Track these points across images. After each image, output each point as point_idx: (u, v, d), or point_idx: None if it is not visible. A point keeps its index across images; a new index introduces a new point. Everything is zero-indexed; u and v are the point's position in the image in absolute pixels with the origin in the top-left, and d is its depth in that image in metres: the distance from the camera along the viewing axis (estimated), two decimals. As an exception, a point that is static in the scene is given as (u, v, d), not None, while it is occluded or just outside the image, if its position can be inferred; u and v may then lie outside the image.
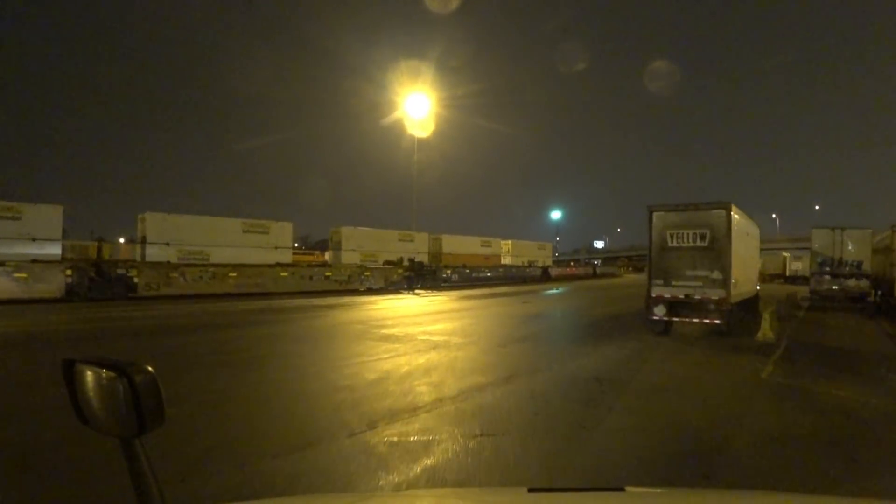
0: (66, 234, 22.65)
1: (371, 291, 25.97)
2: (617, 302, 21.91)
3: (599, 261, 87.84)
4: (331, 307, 17.57)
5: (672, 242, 12.23)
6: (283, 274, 23.65)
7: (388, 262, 30.58)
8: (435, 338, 10.81)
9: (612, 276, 61.39)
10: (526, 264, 43.88)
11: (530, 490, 1.53)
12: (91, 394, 0.96)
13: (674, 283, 12.10)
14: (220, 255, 23.12)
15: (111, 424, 0.94)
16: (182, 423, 4.63)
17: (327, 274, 25.51)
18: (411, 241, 33.92)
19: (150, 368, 0.92)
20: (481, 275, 35.96)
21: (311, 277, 24.80)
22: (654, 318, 12.11)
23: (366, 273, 27.50)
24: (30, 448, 4.20)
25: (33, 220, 18.94)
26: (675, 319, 12.07)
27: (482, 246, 40.42)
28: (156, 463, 0.93)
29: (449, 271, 33.16)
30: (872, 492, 3.76)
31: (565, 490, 2.17)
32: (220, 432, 4.80)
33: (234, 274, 22.02)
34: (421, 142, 42.16)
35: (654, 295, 12.25)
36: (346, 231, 31.08)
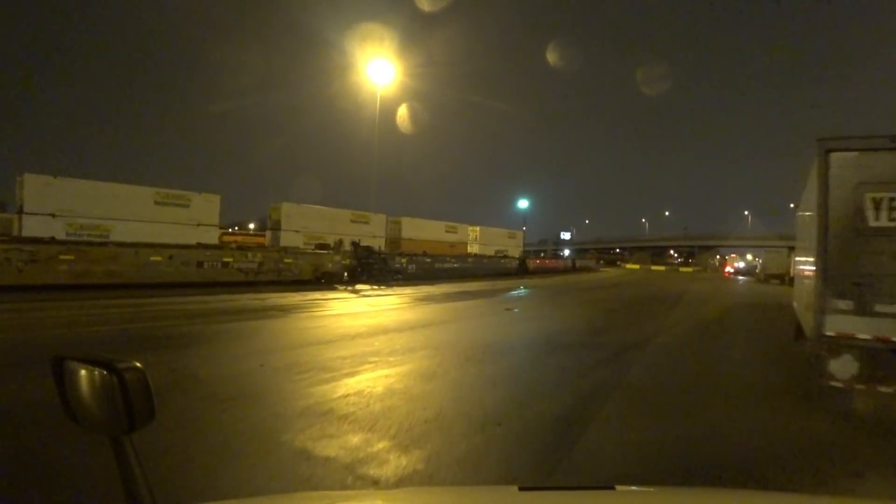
0: None
1: (291, 286, 18.50)
2: (650, 310, 16.08)
3: (568, 251, 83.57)
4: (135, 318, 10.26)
5: (879, 218, 5.51)
6: (154, 258, 15.95)
7: (321, 247, 23.17)
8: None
9: (592, 270, 55.65)
10: (495, 254, 38.06)
11: (521, 489, 1.50)
12: (81, 391, 0.95)
13: (882, 307, 5.30)
14: (124, 232, 18.22)
15: (101, 422, 0.94)
16: None
17: (226, 259, 17.87)
18: (366, 222, 28.67)
19: (139, 365, 0.91)
20: (446, 265, 29.00)
21: (201, 264, 17.14)
22: (836, 382, 5.32)
23: (286, 260, 19.96)
24: None
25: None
26: (884, 390, 5.29)
27: (447, 232, 35.19)
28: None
29: (404, 261, 25.90)
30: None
31: (555, 489, 2.12)
32: None
33: (70, 256, 14.27)
34: (386, 118, 37.14)
35: (828, 332, 5.49)
36: (287, 208, 25.28)
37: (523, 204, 74.56)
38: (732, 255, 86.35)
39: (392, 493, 2.23)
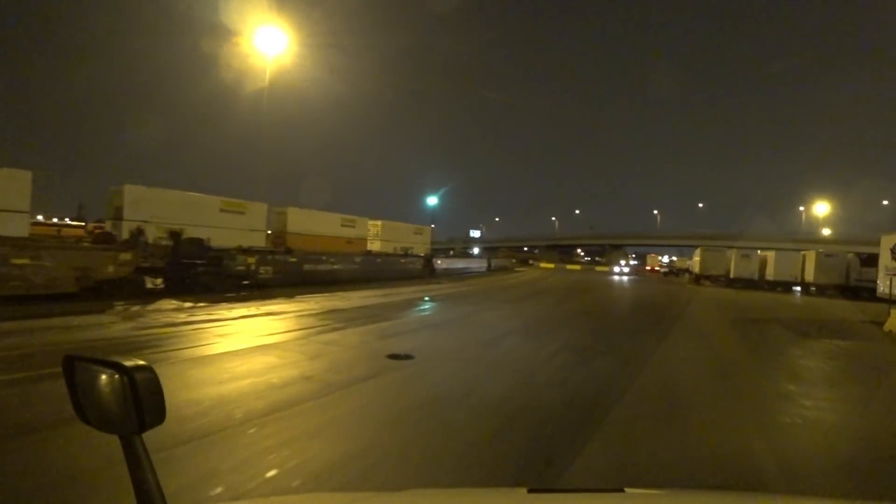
0: None
1: (16, 305, 10.01)
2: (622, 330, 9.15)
3: (478, 250, 78.76)
4: None
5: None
6: None
7: (99, 237, 14.55)
8: None
9: (509, 270, 49.81)
10: (400, 251, 31.96)
11: (530, 491, 1.50)
12: (91, 391, 0.96)
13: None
14: None
15: (112, 422, 0.93)
16: None
17: None
18: (241, 212, 21.98)
19: (150, 366, 0.91)
20: (322, 267, 21.08)
21: None
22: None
23: (15, 261, 11.37)
24: None
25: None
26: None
27: (343, 226, 29.19)
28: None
29: (252, 261, 17.62)
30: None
31: (565, 491, 2.23)
32: None
33: None
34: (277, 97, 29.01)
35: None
36: (131, 192, 18.15)
37: (432, 201, 68.67)
38: (652, 255, 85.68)
39: (399, 494, 1.76)
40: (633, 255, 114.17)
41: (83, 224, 33.30)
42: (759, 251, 36.13)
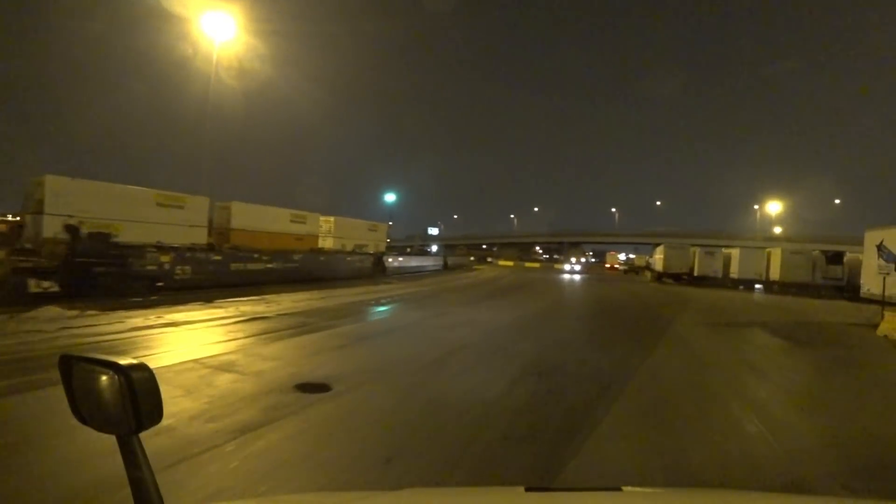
0: None
1: None
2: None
3: (436, 247, 77.46)
4: None
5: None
6: None
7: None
8: None
9: (466, 268, 48.16)
10: (353, 249, 29.67)
11: (528, 489, 1.50)
12: (88, 391, 0.95)
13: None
14: None
15: (109, 422, 0.93)
16: None
17: None
18: (180, 207, 19.00)
19: (147, 366, 0.91)
20: (253, 266, 18.79)
21: None
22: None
23: None
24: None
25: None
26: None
27: (293, 222, 26.38)
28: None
29: (166, 259, 15.24)
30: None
31: (562, 490, 2.16)
32: None
33: None
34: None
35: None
36: (53, 184, 15.15)
37: (390, 198, 66.27)
38: (612, 253, 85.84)
39: (397, 493, 1.79)
40: (591, 253, 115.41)
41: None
42: (722, 249, 35.63)
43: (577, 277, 40.62)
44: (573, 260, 69.81)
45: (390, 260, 30.62)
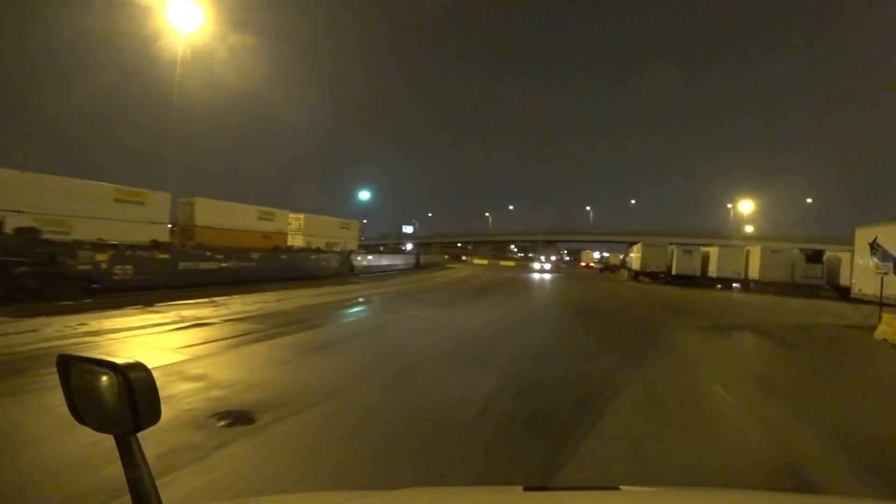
0: None
1: None
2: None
3: (411, 246, 76.46)
4: None
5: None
6: None
7: None
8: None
9: (440, 266, 47.15)
10: (325, 247, 28.64)
11: (526, 489, 1.50)
12: (86, 391, 0.95)
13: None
14: None
15: (107, 421, 0.92)
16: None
17: None
18: (141, 203, 18.08)
19: (145, 365, 0.91)
20: (206, 266, 17.48)
21: None
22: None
23: None
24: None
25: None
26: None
27: (261, 219, 25.57)
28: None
29: (103, 259, 13.82)
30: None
31: (560, 489, 2.14)
32: None
33: None
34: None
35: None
36: None
37: (365, 195, 64.78)
38: (587, 251, 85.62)
39: (395, 493, 1.73)
40: (566, 252, 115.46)
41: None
42: (700, 247, 35.22)
43: (552, 277, 39.46)
44: (542, 258, 66.74)
45: (359, 258, 29.24)
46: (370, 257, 31.55)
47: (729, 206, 64.82)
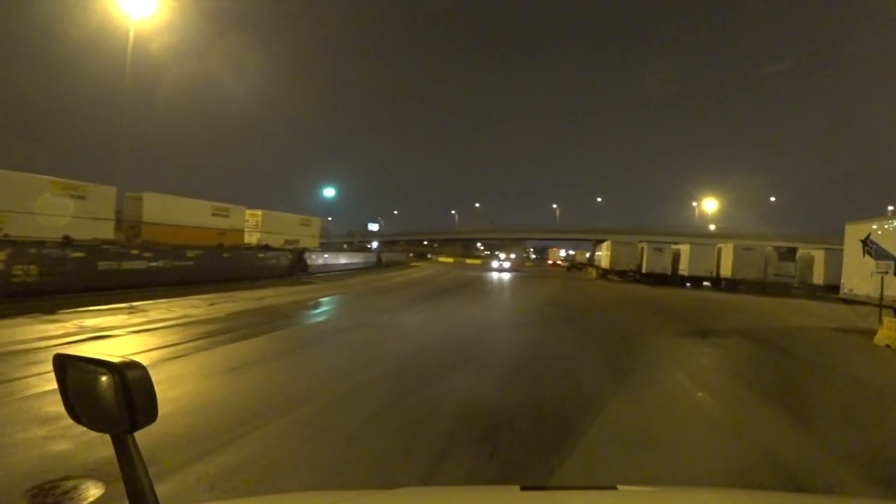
0: None
1: None
2: None
3: (376, 244, 76.69)
4: None
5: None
6: None
7: None
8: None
9: (403, 265, 45.65)
10: (283, 244, 27.37)
11: (523, 488, 1.49)
12: (83, 390, 0.94)
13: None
14: None
15: (103, 421, 0.92)
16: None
17: None
18: (82, 197, 16.30)
19: (142, 364, 0.91)
20: (136, 265, 15.55)
21: None
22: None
23: None
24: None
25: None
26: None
27: (215, 215, 23.84)
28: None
29: (1, 257, 11.83)
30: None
31: (557, 488, 2.12)
32: None
33: None
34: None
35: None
36: None
37: (329, 192, 62.41)
38: (554, 249, 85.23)
39: (392, 493, 1.71)
40: (532, 250, 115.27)
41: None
42: (671, 245, 34.52)
43: (519, 276, 37.75)
44: (501, 255, 62.78)
45: (313, 256, 27.40)
46: (326, 255, 29.63)
47: (694, 203, 65.32)
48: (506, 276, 37.35)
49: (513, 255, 65.86)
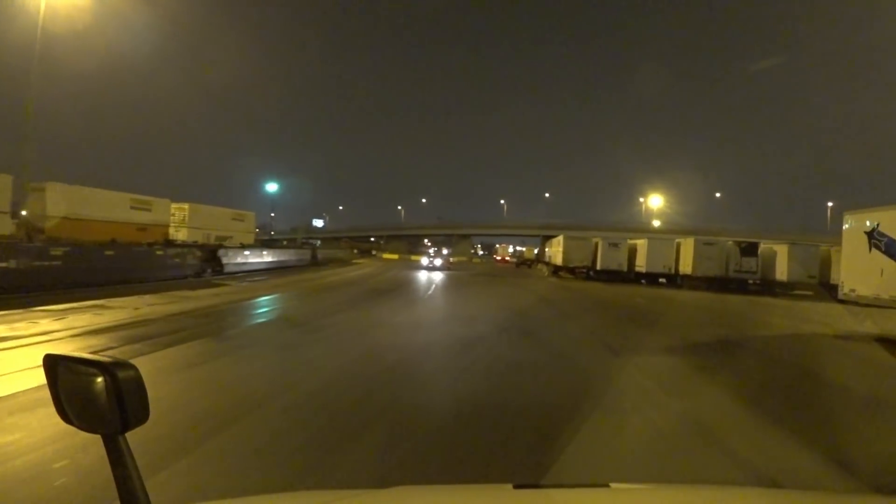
0: None
1: None
2: None
3: (320, 241, 74.04)
4: None
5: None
6: None
7: None
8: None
9: (344, 262, 42.41)
10: (215, 240, 26.26)
11: (516, 486, 1.48)
12: (74, 391, 0.93)
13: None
14: None
15: (94, 421, 0.90)
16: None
17: None
18: None
19: (133, 365, 0.89)
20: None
21: None
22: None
23: None
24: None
25: None
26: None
27: (134, 209, 22.31)
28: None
29: None
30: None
31: (550, 486, 2.13)
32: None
33: None
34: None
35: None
36: None
37: (272, 187, 57.91)
38: (503, 245, 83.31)
39: (387, 491, 1.72)
40: (480, 246, 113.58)
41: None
42: (627, 239, 32.76)
43: (465, 274, 33.61)
44: (432, 252, 53.82)
45: (231, 254, 23.71)
46: (247, 253, 25.88)
47: (641, 199, 64.99)
48: (447, 275, 32.80)
49: (444, 252, 56.89)
